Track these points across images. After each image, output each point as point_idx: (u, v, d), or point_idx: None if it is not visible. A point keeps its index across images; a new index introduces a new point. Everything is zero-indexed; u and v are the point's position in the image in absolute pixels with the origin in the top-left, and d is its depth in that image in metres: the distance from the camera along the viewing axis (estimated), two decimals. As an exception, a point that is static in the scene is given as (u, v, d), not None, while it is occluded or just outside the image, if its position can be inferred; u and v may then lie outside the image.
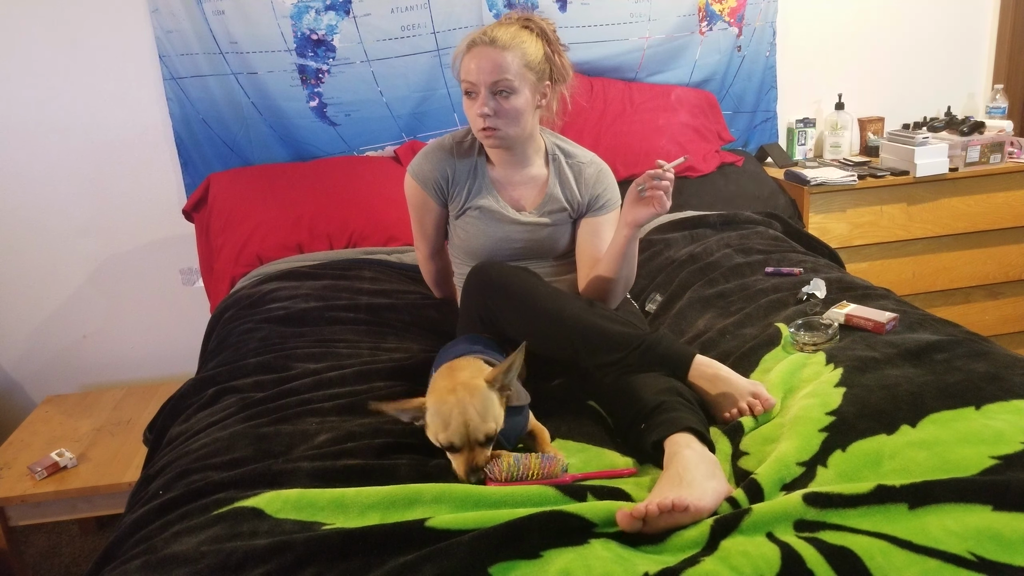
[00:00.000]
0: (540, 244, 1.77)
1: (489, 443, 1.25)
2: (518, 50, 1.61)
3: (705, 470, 1.16)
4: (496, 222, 1.74)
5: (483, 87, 1.60)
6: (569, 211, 1.76)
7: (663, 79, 2.86)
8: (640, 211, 1.57)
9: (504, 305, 1.52)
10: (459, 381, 1.28)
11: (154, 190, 2.69)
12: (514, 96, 1.61)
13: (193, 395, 1.60)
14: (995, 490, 1.01)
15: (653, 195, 1.54)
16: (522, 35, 1.63)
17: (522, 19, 1.68)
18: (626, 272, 1.68)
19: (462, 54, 1.64)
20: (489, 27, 1.64)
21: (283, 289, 2.02)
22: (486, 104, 1.61)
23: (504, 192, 1.76)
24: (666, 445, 1.24)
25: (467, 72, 1.62)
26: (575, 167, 1.77)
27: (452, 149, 1.76)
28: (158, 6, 2.49)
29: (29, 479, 2.07)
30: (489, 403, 1.26)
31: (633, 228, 1.59)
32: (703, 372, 1.42)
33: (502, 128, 1.64)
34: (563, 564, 0.99)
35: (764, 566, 0.96)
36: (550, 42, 1.69)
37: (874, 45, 3.08)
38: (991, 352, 1.40)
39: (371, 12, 2.60)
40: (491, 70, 1.59)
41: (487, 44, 1.60)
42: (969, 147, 2.74)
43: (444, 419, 1.24)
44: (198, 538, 1.08)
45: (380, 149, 2.74)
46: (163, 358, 2.82)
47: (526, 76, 1.62)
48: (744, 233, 2.26)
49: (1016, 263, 2.90)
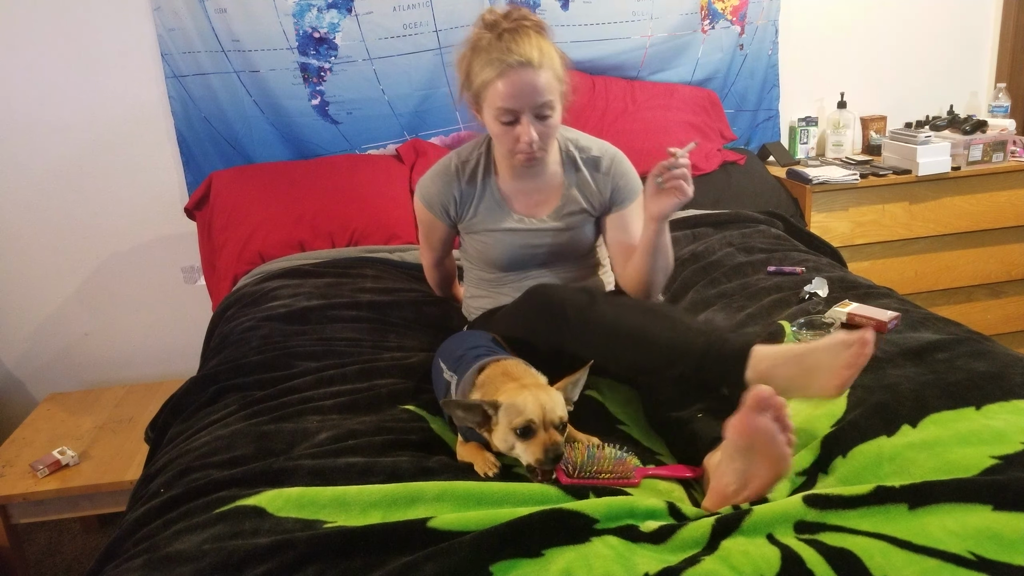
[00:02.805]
0: (562, 248, 1.72)
1: (562, 430, 1.23)
2: (550, 65, 1.52)
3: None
4: (512, 235, 1.70)
5: (526, 112, 1.52)
6: (590, 210, 1.71)
7: (665, 77, 2.86)
8: (663, 203, 1.51)
9: (563, 327, 1.46)
10: (526, 384, 1.28)
11: (156, 188, 2.69)
12: (554, 114, 1.55)
13: (195, 393, 1.60)
14: (995, 490, 1.01)
15: (673, 184, 1.49)
16: (542, 43, 1.52)
17: (530, 23, 1.54)
18: (663, 264, 1.62)
19: (492, 80, 1.51)
20: (508, 44, 1.50)
21: (285, 287, 2.03)
22: (533, 130, 1.53)
23: (518, 203, 1.70)
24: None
25: (504, 98, 1.51)
26: (590, 162, 1.71)
27: (458, 171, 1.71)
28: (160, 4, 2.49)
29: (31, 477, 2.07)
30: (558, 397, 1.25)
31: (658, 221, 1.55)
32: (770, 364, 1.29)
33: (543, 149, 1.58)
34: (564, 563, 0.99)
35: (764, 566, 0.96)
36: (550, 35, 1.58)
37: (876, 43, 3.07)
38: (992, 351, 1.40)
39: (373, 10, 2.60)
40: (532, 93, 1.50)
41: (524, 66, 1.48)
42: (971, 146, 2.74)
43: (519, 406, 1.21)
44: (200, 536, 1.08)
45: (382, 147, 2.74)
46: (165, 356, 2.83)
47: (558, 88, 1.55)
48: (746, 232, 2.26)
49: (1018, 262, 2.89)
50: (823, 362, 1.23)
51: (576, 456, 1.21)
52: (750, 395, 1.13)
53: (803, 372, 1.25)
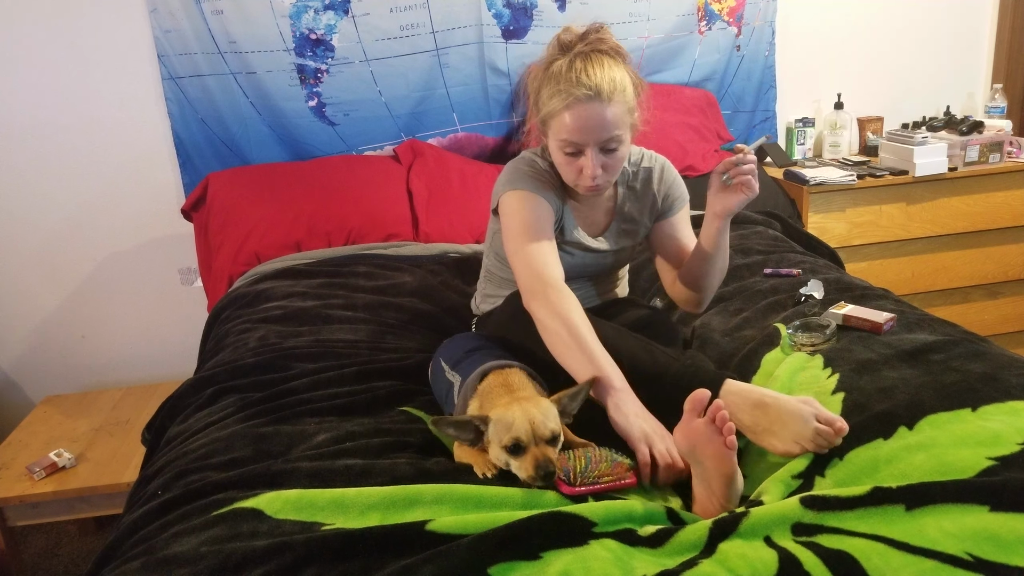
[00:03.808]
0: (607, 268, 1.72)
1: (555, 443, 1.22)
2: (620, 97, 1.44)
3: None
4: (576, 251, 1.65)
5: (591, 146, 1.45)
6: (644, 223, 1.67)
7: (662, 78, 2.86)
8: (730, 199, 1.48)
9: (542, 343, 1.43)
10: (519, 397, 1.27)
11: (153, 189, 2.68)
12: (621, 147, 1.48)
13: (192, 395, 1.60)
14: (992, 490, 1.01)
15: (741, 180, 1.45)
16: (615, 72, 1.44)
17: (606, 47, 1.47)
18: (721, 265, 1.60)
19: (559, 110, 1.44)
20: (581, 71, 1.43)
21: (279, 287, 2.03)
22: (596, 164, 1.46)
23: (581, 219, 1.64)
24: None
25: (569, 132, 1.44)
26: (641, 174, 1.66)
27: (544, 172, 1.59)
28: (157, 6, 2.49)
29: (28, 479, 2.07)
30: (550, 410, 1.24)
31: (723, 218, 1.51)
32: (734, 401, 1.27)
33: (608, 180, 1.52)
34: (562, 565, 0.99)
35: (762, 569, 0.96)
36: (627, 60, 1.51)
37: (873, 45, 3.08)
38: (988, 352, 1.40)
39: (370, 12, 2.60)
40: (600, 128, 1.43)
41: (592, 99, 1.41)
42: (968, 147, 2.74)
43: (507, 422, 1.21)
44: (198, 539, 1.08)
45: (379, 149, 2.74)
46: (162, 358, 2.82)
47: (628, 121, 1.48)
48: (743, 233, 2.26)
49: (1015, 263, 2.90)
50: (786, 423, 1.21)
51: (575, 464, 1.20)
52: (688, 399, 1.17)
53: (764, 421, 1.23)
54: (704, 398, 1.17)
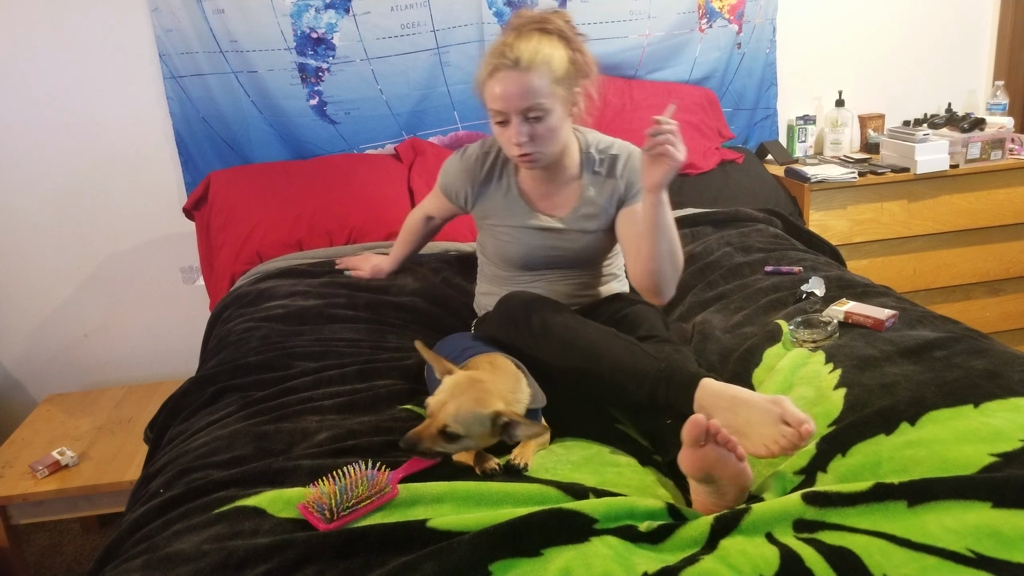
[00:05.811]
0: (578, 254, 1.71)
1: (449, 440, 1.23)
2: (543, 67, 1.49)
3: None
4: (529, 233, 1.70)
5: (514, 114, 1.51)
6: (609, 209, 1.68)
7: (663, 76, 2.86)
8: (655, 171, 1.43)
9: (529, 343, 1.47)
10: (482, 379, 1.28)
11: (154, 188, 2.69)
12: (547, 117, 1.52)
13: (194, 394, 1.60)
14: (994, 487, 1.00)
15: (660, 151, 1.40)
16: (543, 45, 1.51)
17: (537, 23, 1.55)
18: (667, 247, 1.52)
19: (485, 79, 1.53)
20: (507, 42, 1.51)
21: (281, 286, 2.03)
22: (519, 132, 1.52)
23: (537, 202, 1.71)
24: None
25: (493, 100, 1.52)
26: (608, 162, 1.68)
27: (479, 162, 1.72)
28: (158, 5, 2.49)
29: (30, 478, 2.07)
30: (474, 418, 1.24)
31: (654, 192, 1.46)
32: (711, 402, 1.29)
33: (539, 151, 1.56)
34: (563, 562, 0.99)
35: (763, 565, 0.96)
36: (570, 41, 1.57)
37: (874, 41, 3.07)
38: (990, 349, 1.40)
39: (371, 10, 2.60)
40: (519, 96, 1.49)
41: (511, 67, 1.48)
42: (970, 144, 2.74)
43: (440, 387, 1.26)
44: (199, 537, 1.08)
45: (380, 147, 2.74)
46: (164, 357, 2.83)
47: (556, 92, 1.52)
48: (744, 231, 2.26)
49: (1017, 260, 2.90)
50: (754, 424, 1.22)
51: (329, 501, 1.10)
52: (685, 429, 1.13)
53: (735, 422, 1.23)
54: (701, 425, 1.12)
